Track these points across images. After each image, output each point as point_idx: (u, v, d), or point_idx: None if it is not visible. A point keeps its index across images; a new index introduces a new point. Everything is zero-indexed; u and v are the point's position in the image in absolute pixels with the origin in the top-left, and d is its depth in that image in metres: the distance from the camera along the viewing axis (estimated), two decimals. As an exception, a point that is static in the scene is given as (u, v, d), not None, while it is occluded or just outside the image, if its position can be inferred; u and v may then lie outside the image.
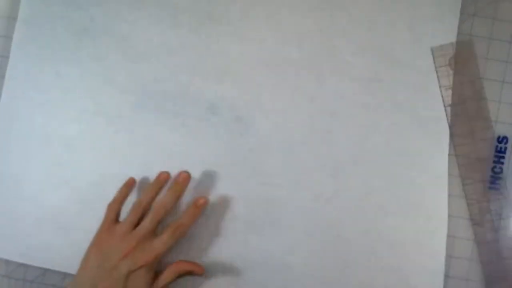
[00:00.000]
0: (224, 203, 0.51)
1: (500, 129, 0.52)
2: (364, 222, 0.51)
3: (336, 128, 0.52)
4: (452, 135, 0.51)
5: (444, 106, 0.51)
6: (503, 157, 0.51)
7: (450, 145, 0.51)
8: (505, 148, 0.51)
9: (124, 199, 0.49)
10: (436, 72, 0.51)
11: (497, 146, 0.51)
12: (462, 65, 0.51)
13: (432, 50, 0.52)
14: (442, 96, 0.51)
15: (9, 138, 0.53)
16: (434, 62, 0.51)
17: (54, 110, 0.53)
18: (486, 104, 0.51)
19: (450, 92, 0.51)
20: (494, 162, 0.51)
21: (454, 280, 0.51)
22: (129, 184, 0.50)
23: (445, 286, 0.50)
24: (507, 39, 0.52)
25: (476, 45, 0.52)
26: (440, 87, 0.51)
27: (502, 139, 0.52)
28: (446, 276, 0.50)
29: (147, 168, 0.52)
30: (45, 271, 0.52)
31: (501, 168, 0.51)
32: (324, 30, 0.52)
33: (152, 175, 0.51)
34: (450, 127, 0.51)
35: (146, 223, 0.46)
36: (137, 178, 0.51)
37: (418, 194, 0.51)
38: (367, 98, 0.52)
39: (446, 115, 0.51)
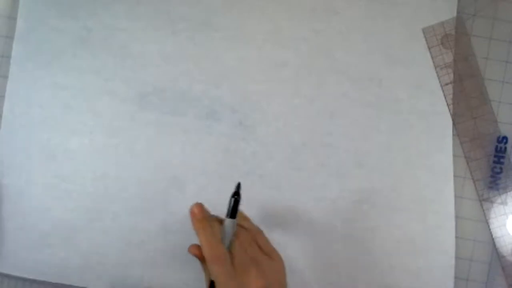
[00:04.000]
0: None
1: (500, 129, 0.52)
2: (371, 221, 0.51)
3: (338, 129, 0.52)
4: (452, 114, 0.51)
5: (441, 85, 0.51)
6: (503, 157, 0.51)
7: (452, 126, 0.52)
8: (505, 148, 0.51)
9: None
10: (430, 52, 0.51)
11: (497, 146, 0.51)
12: (455, 43, 0.51)
13: (424, 31, 0.52)
14: (438, 76, 0.51)
15: (13, 154, 0.52)
16: (427, 43, 0.51)
17: (55, 124, 0.52)
18: (482, 83, 0.52)
19: (445, 71, 0.51)
20: (494, 162, 0.51)
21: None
22: None
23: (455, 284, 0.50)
24: (507, 39, 0.52)
25: (475, 43, 0.52)
26: (435, 67, 0.51)
27: (502, 139, 0.51)
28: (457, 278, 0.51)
29: (150, 177, 0.52)
30: (54, 285, 0.52)
31: (501, 168, 0.51)
32: (320, 33, 0.52)
33: (156, 184, 0.51)
34: (448, 105, 0.51)
35: None
36: (141, 188, 0.52)
37: (424, 191, 0.51)
38: (368, 97, 0.52)
39: (444, 95, 0.51)
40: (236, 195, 0.42)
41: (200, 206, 0.43)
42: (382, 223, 0.51)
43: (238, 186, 0.43)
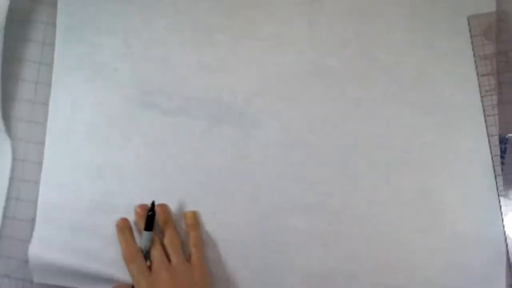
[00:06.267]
0: (283, 216, 0.50)
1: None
2: (423, 221, 0.51)
3: (386, 130, 0.51)
4: (483, 106, 0.52)
5: (478, 76, 0.51)
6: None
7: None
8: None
9: None
10: (471, 41, 0.51)
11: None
12: (497, 35, 0.51)
13: (468, 19, 0.52)
14: (476, 66, 0.51)
15: (59, 172, 0.50)
16: (470, 31, 0.51)
17: (100, 140, 0.51)
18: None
19: (483, 62, 0.51)
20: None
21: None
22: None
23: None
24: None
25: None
26: (474, 56, 0.51)
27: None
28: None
29: (198, 190, 0.50)
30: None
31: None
32: (363, 35, 0.52)
33: (205, 197, 0.51)
34: (482, 97, 0.51)
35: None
36: (189, 201, 0.51)
37: (473, 187, 0.51)
38: (414, 96, 0.52)
39: (479, 85, 0.51)
40: (151, 211, 0.48)
41: (124, 219, 0.49)
42: (434, 222, 0.50)
43: (153, 204, 0.48)
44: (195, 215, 0.50)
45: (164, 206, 0.49)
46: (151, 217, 0.47)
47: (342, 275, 0.50)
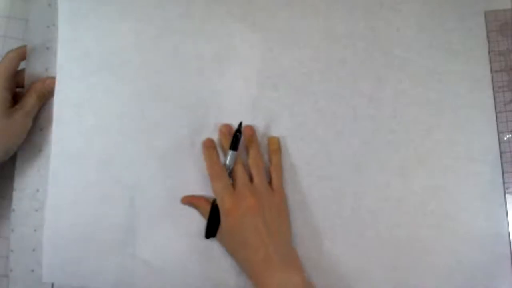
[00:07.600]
0: (293, 210, 0.50)
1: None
2: (436, 218, 0.50)
3: (399, 127, 0.51)
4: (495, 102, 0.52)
5: (491, 71, 0.51)
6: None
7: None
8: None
9: None
10: (487, 36, 0.52)
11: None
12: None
13: (485, 14, 0.52)
14: (490, 62, 0.51)
15: (64, 164, 0.49)
16: (486, 26, 0.52)
17: (108, 131, 0.50)
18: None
19: (497, 58, 0.51)
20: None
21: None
22: None
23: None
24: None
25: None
26: (489, 52, 0.51)
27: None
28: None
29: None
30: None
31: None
32: (376, 30, 0.52)
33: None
34: (494, 93, 0.51)
35: None
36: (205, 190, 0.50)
37: (481, 185, 0.51)
38: (427, 93, 0.51)
39: (492, 82, 0.51)
40: (238, 132, 0.48)
41: (210, 139, 0.50)
42: (448, 220, 0.50)
43: (240, 125, 0.49)
44: (278, 141, 0.50)
45: (250, 127, 0.50)
46: (237, 137, 0.48)
47: (354, 270, 0.50)
